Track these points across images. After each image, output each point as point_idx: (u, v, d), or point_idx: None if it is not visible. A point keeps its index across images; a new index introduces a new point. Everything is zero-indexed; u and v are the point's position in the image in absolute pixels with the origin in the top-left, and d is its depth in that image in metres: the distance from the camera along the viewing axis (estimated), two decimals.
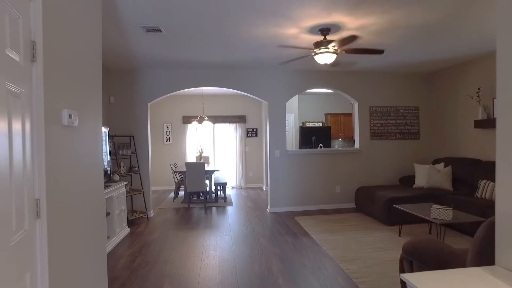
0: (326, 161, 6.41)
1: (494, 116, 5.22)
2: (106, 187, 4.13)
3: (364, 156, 6.53)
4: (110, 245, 4.13)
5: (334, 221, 5.41)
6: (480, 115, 5.41)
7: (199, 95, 9.49)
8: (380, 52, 3.84)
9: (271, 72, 6.26)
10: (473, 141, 5.68)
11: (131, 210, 5.74)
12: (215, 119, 9.66)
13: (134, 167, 5.69)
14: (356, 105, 6.60)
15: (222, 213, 6.28)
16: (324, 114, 9.96)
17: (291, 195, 6.32)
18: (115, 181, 4.75)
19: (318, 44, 3.90)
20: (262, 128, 9.67)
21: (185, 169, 6.76)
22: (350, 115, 9.75)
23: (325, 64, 4.02)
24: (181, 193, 8.48)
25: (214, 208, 6.72)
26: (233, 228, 5.17)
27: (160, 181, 9.55)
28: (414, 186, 5.92)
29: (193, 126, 9.58)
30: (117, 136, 5.58)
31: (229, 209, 6.65)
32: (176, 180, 7.65)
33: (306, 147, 9.12)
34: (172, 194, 8.34)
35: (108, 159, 4.64)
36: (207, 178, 7.29)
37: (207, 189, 7.35)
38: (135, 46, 4.50)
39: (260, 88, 6.24)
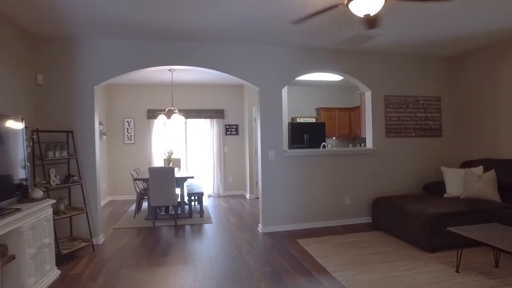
0: (332, 165, 5.02)
1: None
2: (7, 214, 2.46)
3: (379, 158, 5.19)
4: None
5: (353, 245, 4.01)
6: None
7: (167, 83, 7.83)
8: None
9: (265, 48, 4.77)
10: None
11: (69, 238, 4.04)
12: (188, 113, 8.04)
13: (74, 176, 4.00)
14: (368, 94, 5.25)
15: (198, 234, 4.71)
16: (316, 109, 8.61)
17: (290, 209, 4.86)
18: (35, 200, 3.07)
19: None
20: (244, 124, 8.16)
21: (148, 176, 5.13)
22: (346, 109, 8.49)
23: (367, 17, 2.59)
24: (146, 204, 6.80)
25: (187, 227, 5.13)
26: (216, 262, 3.63)
27: (119, 189, 7.78)
28: (445, 195, 4.65)
29: (160, 122, 7.90)
30: (45, 131, 3.86)
31: (208, 228, 5.08)
32: (138, 190, 5.98)
33: (297, 147, 7.72)
34: (134, 207, 6.66)
35: (25, 165, 2.96)
36: (178, 187, 5.69)
37: (178, 201, 5.76)
38: None
39: (249, 69, 4.74)
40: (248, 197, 7.71)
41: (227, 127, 8.26)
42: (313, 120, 7.98)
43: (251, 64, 4.74)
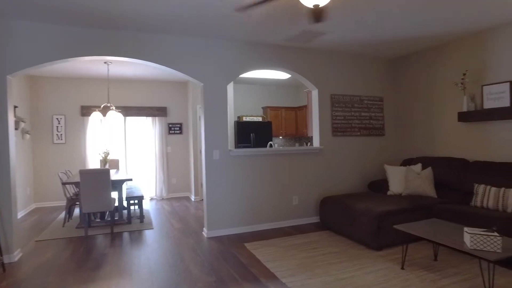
0: (279, 165, 4.90)
1: (484, 107, 4.33)
2: None
3: (326, 157, 5.19)
4: None
5: (302, 247, 3.91)
6: (465, 106, 4.49)
7: (103, 77, 7.17)
8: None
9: (209, 41, 4.49)
10: (456, 137, 4.76)
11: None
12: (127, 110, 7.44)
13: None
14: (315, 93, 5.23)
15: (138, 243, 4.28)
16: (263, 108, 8.52)
17: (236, 211, 4.64)
18: None
19: None
20: (188, 123, 7.78)
21: (80, 180, 4.57)
22: (292, 109, 8.51)
23: (316, 7, 2.45)
24: (78, 211, 6.12)
25: (125, 235, 4.67)
26: (156, 272, 3.28)
27: (47, 195, 6.95)
28: (388, 193, 4.78)
29: (95, 119, 7.21)
30: None
31: (148, 234, 4.67)
32: (69, 195, 5.33)
33: (243, 146, 7.54)
34: (64, 215, 5.97)
35: None
36: (115, 190, 5.19)
37: (116, 205, 5.26)
38: None
39: (193, 63, 4.43)
40: (193, 199, 7.35)
41: (170, 125, 7.81)
42: (260, 119, 7.86)
43: (195, 58, 4.43)
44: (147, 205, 6.91)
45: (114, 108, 6.15)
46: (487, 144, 4.36)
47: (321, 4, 2.42)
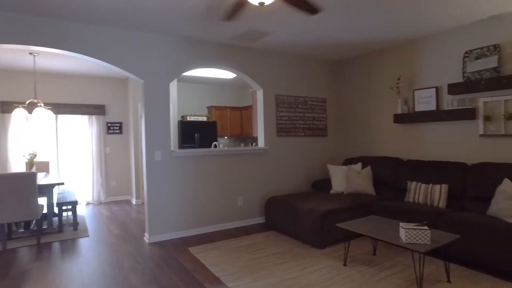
0: (224, 165, 4.81)
1: (415, 110, 4.66)
2: None
3: (271, 157, 5.22)
4: None
5: (247, 249, 3.85)
6: (400, 109, 4.80)
7: (28, 71, 6.48)
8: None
9: (151, 36, 4.25)
10: (392, 137, 5.06)
11: None
12: (59, 108, 6.80)
13: None
14: (260, 93, 5.22)
15: (69, 253, 3.90)
16: (207, 107, 8.35)
17: (180, 214, 4.45)
18: None
19: None
20: (128, 122, 7.35)
21: None
22: (237, 109, 8.47)
23: (261, 5, 2.40)
24: None
25: (55, 245, 4.23)
26: (90, 286, 3.00)
27: None
28: (331, 192, 4.93)
29: (19, 117, 6.48)
30: None
31: (83, 243, 4.29)
32: None
33: (187, 147, 7.33)
34: None
35: None
36: (43, 196, 4.69)
37: (44, 213, 4.75)
38: None
39: (132, 58, 4.15)
40: (134, 203, 6.95)
41: (109, 125, 7.31)
42: (204, 118, 7.69)
43: (135, 53, 4.16)
44: (82, 210, 6.37)
45: (42, 104, 5.56)
46: (418, 144, 4.70)
47: (266, 3, 2.38)
